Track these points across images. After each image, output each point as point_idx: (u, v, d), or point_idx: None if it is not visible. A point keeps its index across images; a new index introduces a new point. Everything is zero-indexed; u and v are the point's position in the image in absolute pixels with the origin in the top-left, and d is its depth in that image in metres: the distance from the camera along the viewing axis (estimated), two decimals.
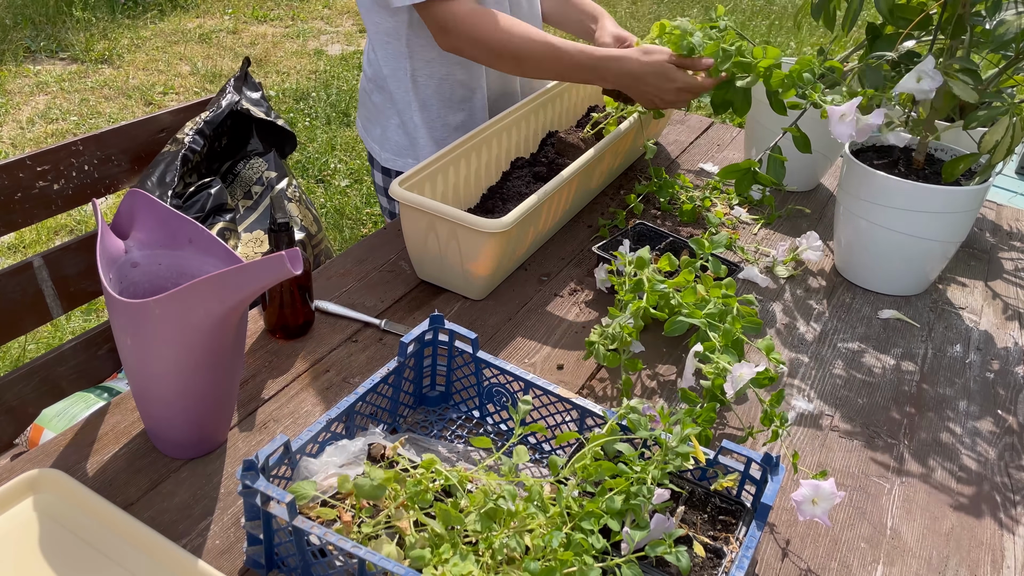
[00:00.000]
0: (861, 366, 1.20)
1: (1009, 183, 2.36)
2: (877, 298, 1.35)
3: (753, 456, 0.85)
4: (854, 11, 1.22)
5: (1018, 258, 1.51)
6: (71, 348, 1.43)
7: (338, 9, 5.50)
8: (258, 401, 1.03)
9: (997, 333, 1.29)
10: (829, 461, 1.02)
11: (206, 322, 0.80)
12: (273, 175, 1.63)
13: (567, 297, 1.28)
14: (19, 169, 1.31)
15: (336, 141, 3.71)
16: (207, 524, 0.86)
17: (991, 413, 1.13)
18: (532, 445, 0.98)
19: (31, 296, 1.35)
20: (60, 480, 0.86)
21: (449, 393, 1.03)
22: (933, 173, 1.31)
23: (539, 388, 0.96)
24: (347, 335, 1.15)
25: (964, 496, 1.00)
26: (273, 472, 0.80)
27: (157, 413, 0.90)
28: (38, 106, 3.83)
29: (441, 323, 0.98)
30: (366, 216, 3.19)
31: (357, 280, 1.27)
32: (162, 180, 1.44)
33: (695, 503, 0.88)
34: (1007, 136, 1.13)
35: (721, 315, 1.05)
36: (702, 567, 0.81)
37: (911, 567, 0.90)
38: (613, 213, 1.50)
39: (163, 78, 4.22)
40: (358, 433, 0.91)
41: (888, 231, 1.28)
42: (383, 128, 1.56)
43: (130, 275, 0.90)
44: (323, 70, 4.46)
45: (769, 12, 5.83)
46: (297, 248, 0.78)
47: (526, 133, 1.57)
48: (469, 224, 1.14)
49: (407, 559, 0.73)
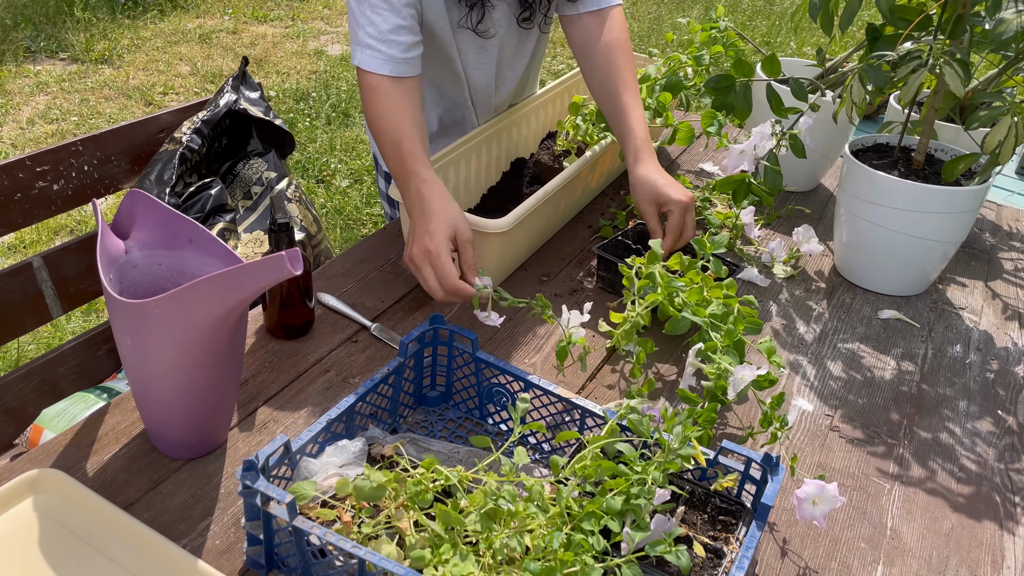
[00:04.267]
0: (861, 366, 1.19)
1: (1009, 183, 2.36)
2: (877, 298, 1.35)
3: (753, 456, 0.85)
4: (851, 10, 1.22)
5: (1018, 258, 1.51)
6: (71, 348, 1.43)
7: (338, 9, 5.50)
8: (258, 401, 1.03)
9: (997, 333, 1.29)
10: (829, 461, 1.02)
11: (206, 322, 0.80)
12: (273, 175, 1.63)
13: (567, 297, 1.28)
14: (19, 169, 1.31)
15: (336, 141, 3.71)
16: (207, 524, 0.86)
17: (991, 413, 1.13)
18: (532, 445, 0.98)
19: (31, 296, 1.35)
20: (60, 480, 0.86)
21: (449, 393, 1.03)
22: (933, 173, 1.31)
23: (539, 388, 0.96)
24: (347, 335, 1.15)
25: (964, 496, 1.00)
26: (273, 472, 0.80)
27: (157, 413, 0.90)
28: (38, 106, 3.83)
29: (441, 323, 0.98)
30: (366, 216, 3.19)
31: (357, 280, 1.27)
32: (160, 179, 1.44)
33: (695, 503, 0.88)
34: (1010, 136, 1.13)
35: (723, 316, 1.05)
36: (702, 567, 0.81)
37: (911, 567, 0.90)
38: (613, 213, 1.50)
39: (163, 78, 4.22)
40: (358, 433, 0.92)
41: (888, 231, 1.28)
42: None
43: (130, 275, 0.90)
44: (323, 70, 4.46)
45: (769, 12, 5.83)
46: (297, 248, 0.78)
47: (526, 133, 1.57)
48: (469, 224, 1.14)
49: (407, 559, 0.73)
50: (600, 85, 1.36)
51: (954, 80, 1.12)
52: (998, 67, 1.36)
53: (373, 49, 1.20)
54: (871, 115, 2.69)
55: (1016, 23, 1.14)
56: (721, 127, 1.42)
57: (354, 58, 1.23)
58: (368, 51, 1.20)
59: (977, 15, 1.22)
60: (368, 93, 1.22)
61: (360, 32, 1.21)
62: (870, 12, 4.72)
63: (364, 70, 1.21)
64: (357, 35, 1.22)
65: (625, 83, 1.34)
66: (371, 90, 1.22)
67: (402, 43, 1.20)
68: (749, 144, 1.27)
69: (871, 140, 1.40)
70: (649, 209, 1.25)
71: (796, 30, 1.53)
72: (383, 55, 1.20)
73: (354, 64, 1.24)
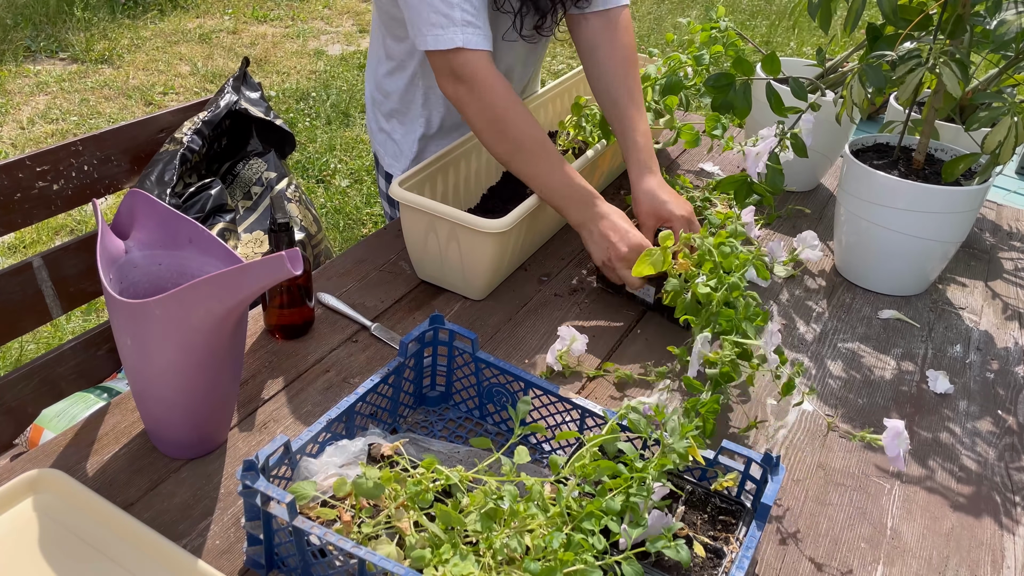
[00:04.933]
0: (861, 366, 1.19)
1: (1009, 183, 2.36)
2: (877, 298, 1.35)
3: (753, 456, 0.85)
4: (856, 11, 1.22)
5: (1018, 258, 1.51)
6: (71, 348, 1.43)
7: (338, 9, 5.50)
8: (258, 401, 1.03)
9: (997, 333, 1.29)
10: (829, 461, 1.02)
11: (206, 322, 0.80)
12: (272, 175, 1.63)
13: (567, 297, 1.28)
14: (19, 169, 1.31)
15: (336, 141, 3.71)
16: (207, 524, 0.86)
17: (991, 413, 1.13)
18: (532, 445, 0.98)
19: (31, 296, 1.35)
20: (60, 480, 0.86)
21: (449, 393, 1.03)
22: (933, 173, 1.31)
23: (539, 388, 0.96)
24: (347, 335, 1.15)
25: (964, 496, 1.00)
26: (273, 472, 0.80)
27: (157, 413, 0.90)
28: (38, 106, 3.83)
29: (441, 323, 0.98)
30: (366, 216, 3.19)
31: (357, 280, 1.27)
32: (160, 179, 1.44)
33: (695, 503, 0.87)
34: (1010, 136, 1.13)
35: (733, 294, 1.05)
36: (702, 567, 0.81)
37: (911, 567, 0.90)
38: None
39: (163, 78, 4.22)
40: (358, 433, 0.92)
41: (888, 231, 1.28)
42: (388, 133, 1.56)
43: (130, 275, 0.90)
44: (323, 70, 4.46)
45: (769, 12, 5.83)
46: (297, 248, 0.78)
47: None
48: (469, 224, 1.14)
49: (407, 559, 0.73)
50: (605, 92, 1.35)
51: (951, 80, 1.12)
52: (998, 67, 1.36)
53: (473, 26, 1.14)
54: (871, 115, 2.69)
55: (1017, 24, 1.14)
56: (725, 130, 1.42)
57: (449, 42, 1.14)
58: (469, 29, 1.14)
59: (977, 15, 1.21)
60: (476, 85, 1.16)
61: (455, 12, 1.13)
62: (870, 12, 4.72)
63: (466, 49, 1.14)
64: (452, 15, 1.13)
65: (631, 94, 1.32)
66: (479, 81, 1.16)
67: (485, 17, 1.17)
68: (764, 147, 1.28)
69: (871, 140, 1.40)
70: (649, 223, 1.26)
71: (795, 28, 1.52)
72: (482, 32, 1.15)
73: (447, 48, 1.15)
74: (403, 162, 1.54)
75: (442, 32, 1.15)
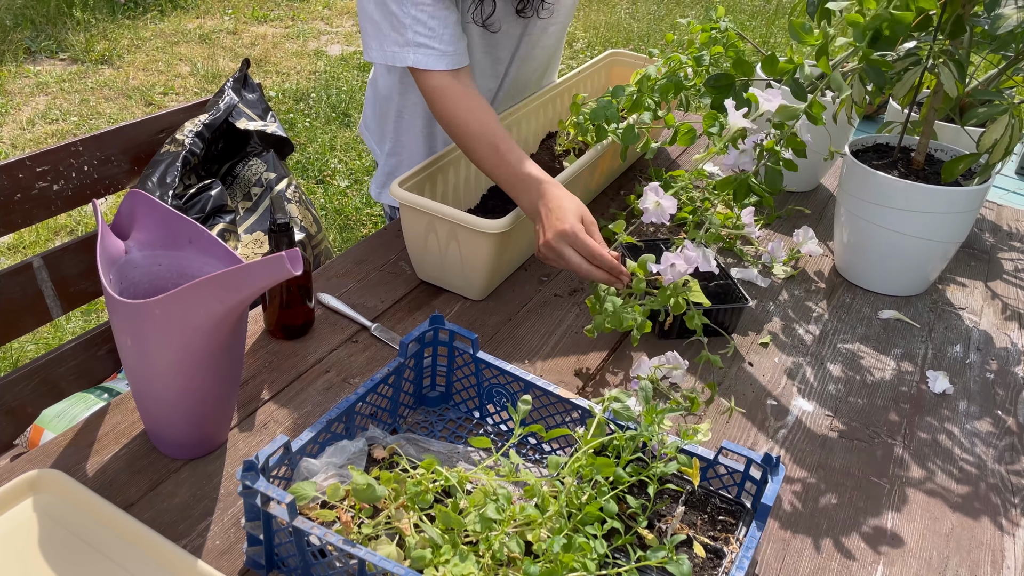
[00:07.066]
0: (861, 367, 1.19)
1: (1009, 183, 2.36)
2: (877, 298, 1.35)
3: (753, 456, 0.85)
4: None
5: (1018, 258, 1.51)
6: (71, 349, 1.43)
7: (338, 9, 5.50)
8: (258, 401, 1.03)
9: (997, 333, 1.29)
10: (829, 461, 1.02)
11: (206, 322, 0.80)
12: (272, 176, 1.63)
13: (567, 297, 1.28)
14: (19, 169, 1.31)
15: (336, 142, 3.71)
16: (207, 524, 0.86)
17: (990, 413, 1.13)
18: (532, 445, 0.98)
19: (31, 296, 1.35)
20: (60, 480, 0.86)
21: (449, 393, 1.03)
22: (933, 173, 1.31)
23: (539, 388, 0.96)
24: (347, 335, 1.15)
25: (964, 496, 1.00)
26: (273, 473, 0.80)
27: (157, 413, 0.90)
28: (38, 106, 3.83)
29: (441, 323, 0.98)
30: (366, 216, 3.19)
31: (357, 280, 1.27)
32: (163, 180, 1.44)
33: (695, 503, 0.88)
34: (1005, 135, 1.13)
35: None
36: (702, 567, 0.81)
37: (911, 567, 0.90)
38: (613, 214, 1.50)
39: (163, 78, 4.22)
40: (358, 433, 0.91)
41: (888, 231, 1.28)
42: (382, 135, 1.56)
43: (130, 275, 0.90)
44: (323, 70, 4.46)
45: (768, 12, 5.82)
46: (297, 249, 0.78)
47: (526, 133, 1.57)
48: (469, 224, 1.14)
49: (407, 559, 0.73)
50: None
51: (949, 80, 1.12)
52: (998, 67, 1.36)
53: (426, 47, 1.19)
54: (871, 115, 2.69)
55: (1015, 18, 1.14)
56: (722, 128, 1.41)
57: (403, 60, 1.22)
58: (422, 50, 1.20)
59: (977, 15, 1.21)
60: (436, 95, 1.22)
61: (408, 33, 1.20)
62: None
63: (422, 70, 1.21)
64: (405, 36, 1.20)
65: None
66: (439, 92, 1.21)
67: (449, 35, 1.20)
68: (748, 143, 1.28)
69: (871, 140, 1.40)
70: None
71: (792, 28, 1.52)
72: (436, 51, 1.20)
73: (406, 66, 1.23)
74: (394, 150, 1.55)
75: (398, 51, 1.22)
